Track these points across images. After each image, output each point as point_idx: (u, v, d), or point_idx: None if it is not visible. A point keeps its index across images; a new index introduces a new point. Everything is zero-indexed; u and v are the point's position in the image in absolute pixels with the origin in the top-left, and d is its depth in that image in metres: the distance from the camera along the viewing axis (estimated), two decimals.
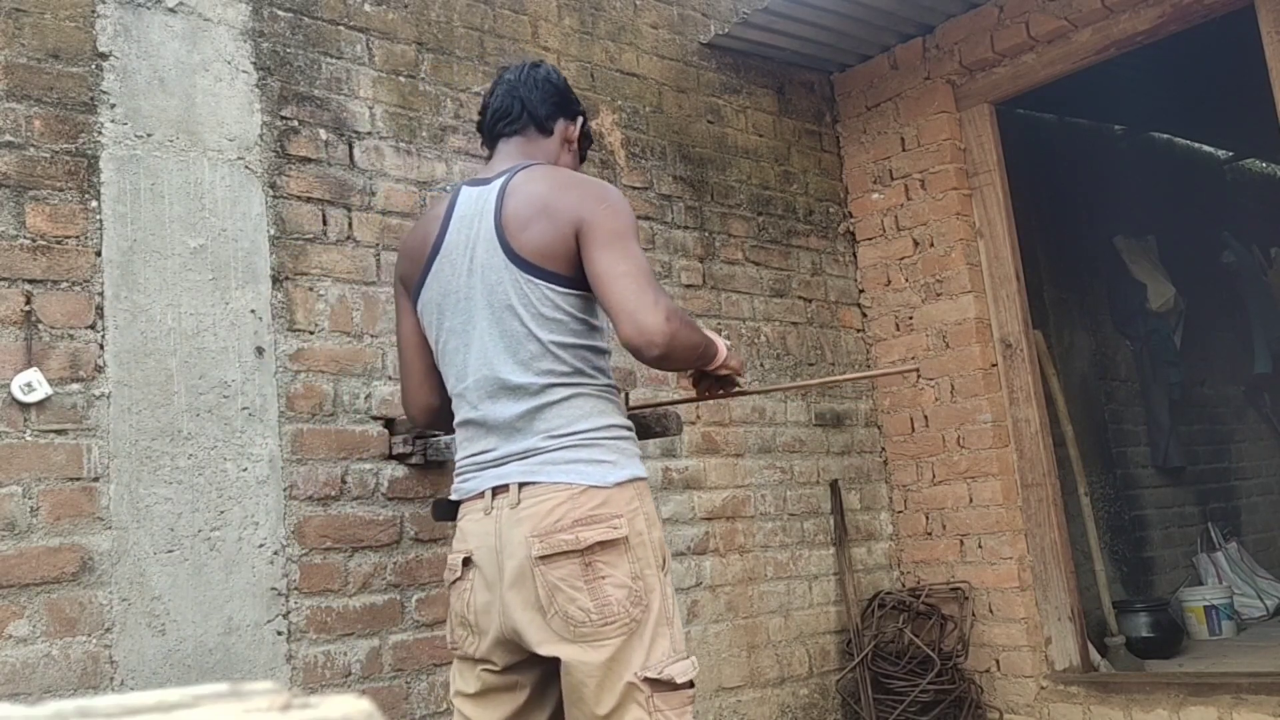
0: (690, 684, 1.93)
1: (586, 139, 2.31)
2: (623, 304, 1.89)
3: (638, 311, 1.88)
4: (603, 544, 1.88)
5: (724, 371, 2.18)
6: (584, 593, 1.88)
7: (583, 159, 2.34)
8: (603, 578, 1.89)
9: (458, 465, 2.11)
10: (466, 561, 2.01)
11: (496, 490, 1.98)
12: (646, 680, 1.87)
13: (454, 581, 2.05)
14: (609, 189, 2.07)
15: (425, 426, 2.36)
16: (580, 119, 2.27)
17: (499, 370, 1.99)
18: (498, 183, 2.06)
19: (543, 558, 1.88)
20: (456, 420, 2.10)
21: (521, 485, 1.95)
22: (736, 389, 2.30)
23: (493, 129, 2.20)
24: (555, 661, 1.94)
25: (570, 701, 1.92)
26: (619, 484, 1.94)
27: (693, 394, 2.34)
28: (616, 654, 1.87)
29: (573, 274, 1.98)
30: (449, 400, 2.17)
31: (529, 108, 2.18)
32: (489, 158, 2.23)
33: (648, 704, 1.87)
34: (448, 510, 2.12)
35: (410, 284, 2.17)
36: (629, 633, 1.88)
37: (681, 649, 1.96)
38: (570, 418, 1.96)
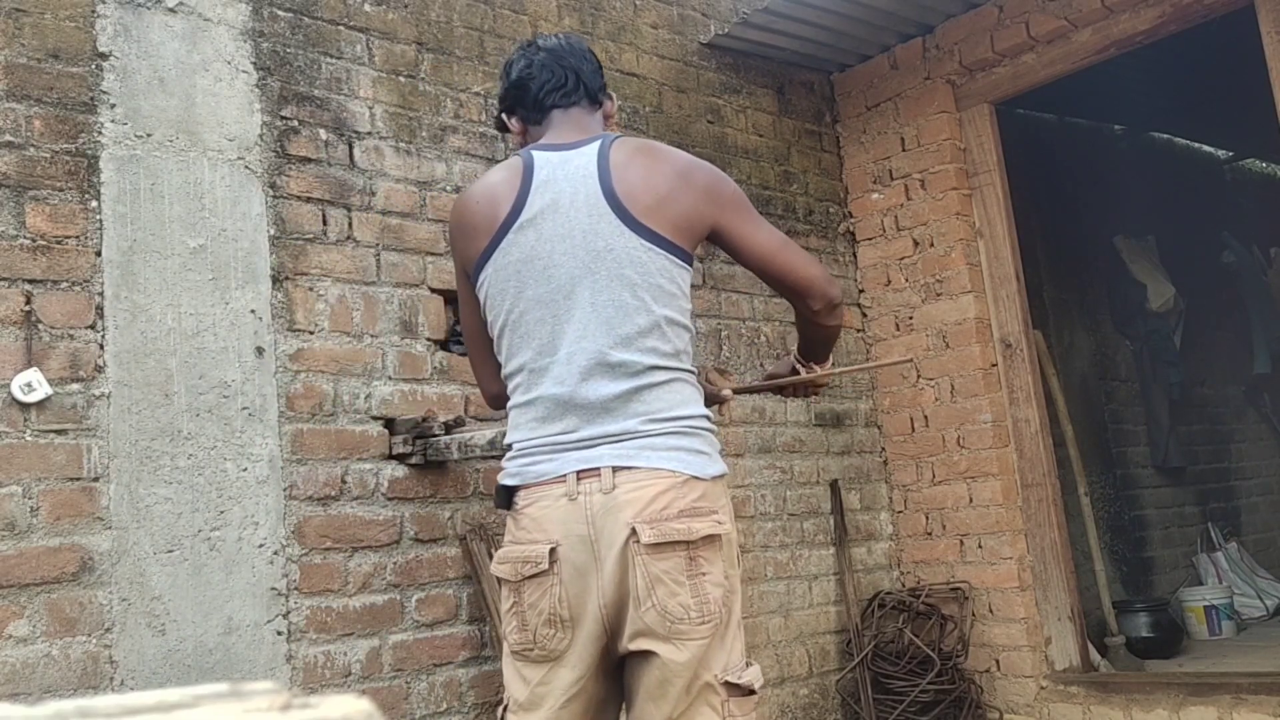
0: (756, 692, 1.88)
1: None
2: (793, 271, 2.00)
3: (814, 276, 2.00)
4: (708, 538, 1.79)
5: (823, 380, 2.24)
6: (686, 588, 1.77)
7: None
8: (704, 574, 1.79)
9: (521, 446, 1.90)
10: (553, 551, 1.82)
11: (582, 474, 1.81)
12: (725, 684, 1.83)
13: (532, 576, 1.84)
14: (711, 167, 2.06)
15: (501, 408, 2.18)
16: (612, 94, 2.19)
17: (599, 344, 1.85)
18: (588, 148, 1.94)
19: (653, 546, 1.76)
20: (528, 395, 1.90)
21: (616, 469, 1.80)
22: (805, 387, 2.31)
23: (543, 99, 2.04)
24: (618, 660, 1.84)
25: (648, 697, 1.81)
26: (715, 478, 1.85)
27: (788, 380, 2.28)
28: (703, 654, 1.80)
29: (691, 250, 1.97)
30: None
31: (584, 79, 2.06)
32: (525, 133, 2.10)
33: (722, 708, 1.82)
34: (507, 498, 1.92)
35: (471, 252, 1.97)
36: (717, 633, 1.81)
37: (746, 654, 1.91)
38: (671, 402, 1.85)
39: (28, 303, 2.39)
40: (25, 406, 2.35)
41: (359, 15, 3.11)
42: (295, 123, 2.90)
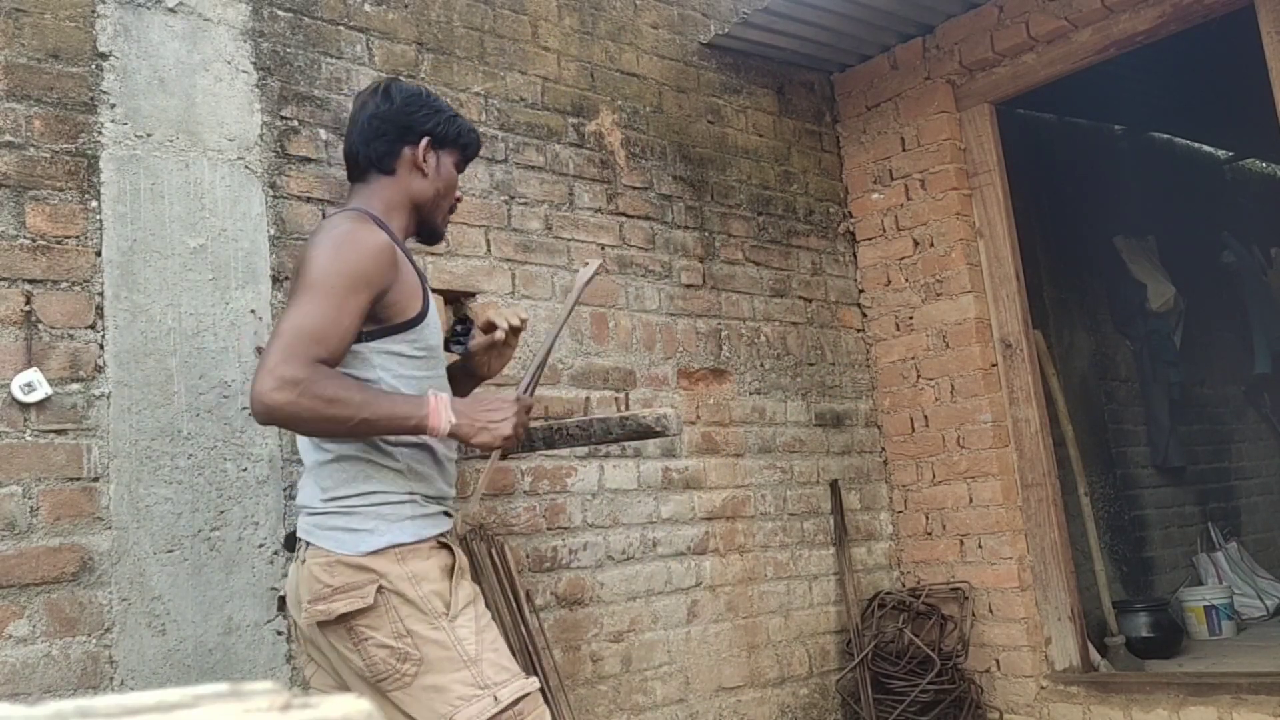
0: (502, 711, 1.93)
1: (447, 142, 2.18)
2: (265, 356, 1.87)
3: (256, 372, 1.85)
4: (357, 612, 1.95)
5: (475, 444, 2.05)
6: (355, 653, 1.97)
7: (468, 157, 2.26)
8: (366, 639, 1.96)
9: None
10: (283, 600, 2.15)
11: (300, 540, 2.07)
12: None
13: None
14: (336, 235, 1.96)
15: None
16: (425, 137, 2.14)
17: None
18: None
19: (312, 625, 1.99)
20: None
21: (306, 544, 2.03)
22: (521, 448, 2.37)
23: (348, 175, 2.21)
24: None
25: None
26: (374, 552, 1.96)
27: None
28: (403, 704, 1.95)
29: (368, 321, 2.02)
30: None
31: (358, 155, 2.15)
32: None
33: None
34: (293, 543, 2.18)
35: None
36: (404, 685, 1.94)
37: (497, 679, 1.95)
38: (336, 481, 2.01)
39: (28, 303, 2.39)
40: (25, 406, 2.35)
41: (359, 15, 3.11)
42: (295, 123, 2.90)
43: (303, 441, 2.10)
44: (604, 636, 3.31)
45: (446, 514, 2.13)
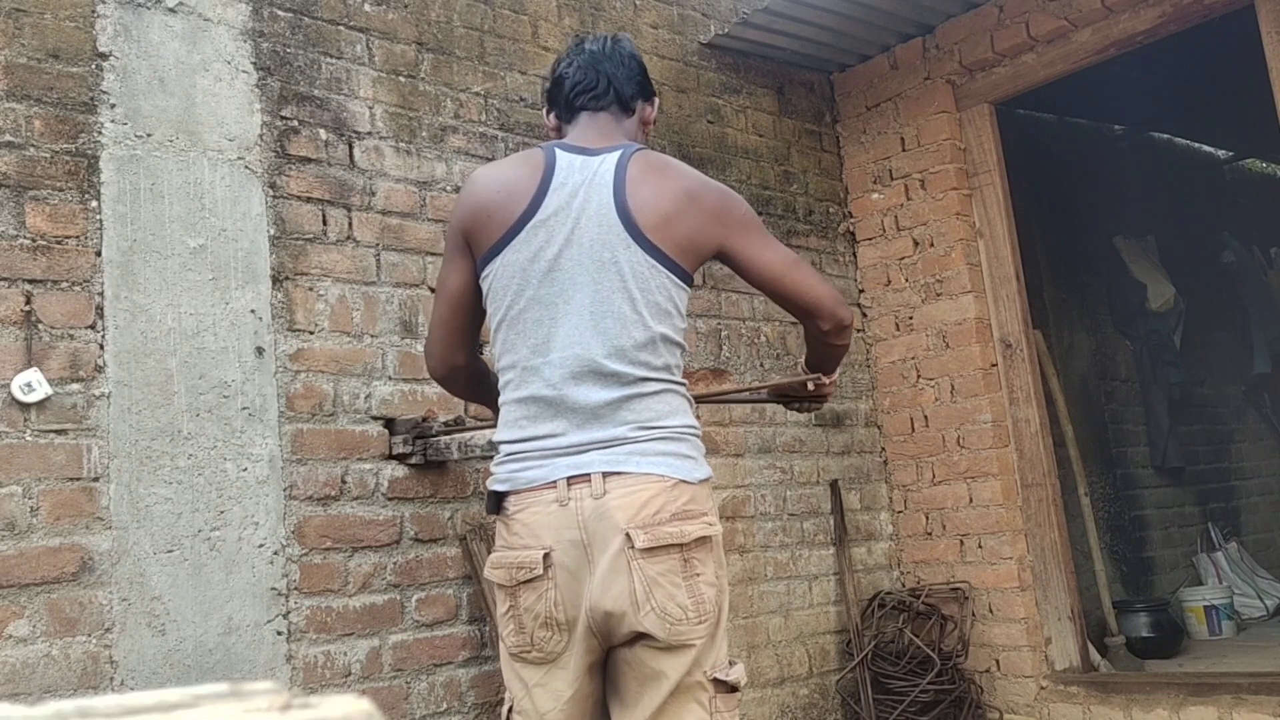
0: (739, 689, 1.92)
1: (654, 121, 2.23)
2: (807, 293, 2.03)
3: (825, 299, 2.04)
4: (699, 540, 1.84)
5: (827, 389, 2.30)
6: (682, 589, 1.82)
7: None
8: (698, 575, 1.84)
9: (511, 448, 1.93)
10: (547, 556, 1.85)
11: (573, 480, 1.85)
12: (714, 681, 1.86)
13: (527, 580, 1.87)
14: (734, 192, 2.08)
15: (442, 380, 2.17)
16: (656, 100, 2.19)
17: (592, 352, 1.88)
18: (609, 157, 1.97)
19: (647, 550, 1.80)
20: (518, 393, 1.94)
21: (606, 475, 1.84)
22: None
23: (573, 101, 2.08)
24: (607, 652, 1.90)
25: (640, 690, 1.86)
26: (702, 481, 1.91)
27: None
28: (697, 651, 1.84)
29: (693, 270, 1.99)
30: (473, 364, 2.13)
31: (615, 85, 2.09)
32: (558, 130, 2.12)
33: (710, 704, 1.85)
34: (497, 503, 1.94)
35: (484, 240, 1.98)
36: (711, 633, 1.85)
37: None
38: (660, 411, 1.91)
39: (28, 303, 2.39)
40: (25, 406, 2.35)
41: (359, 15, 3.11)
42: (295, 123, 2.90)
43: (579, 379, 1.88)
44: None
45: None
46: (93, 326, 2.47)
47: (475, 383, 2.17)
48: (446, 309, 2.08)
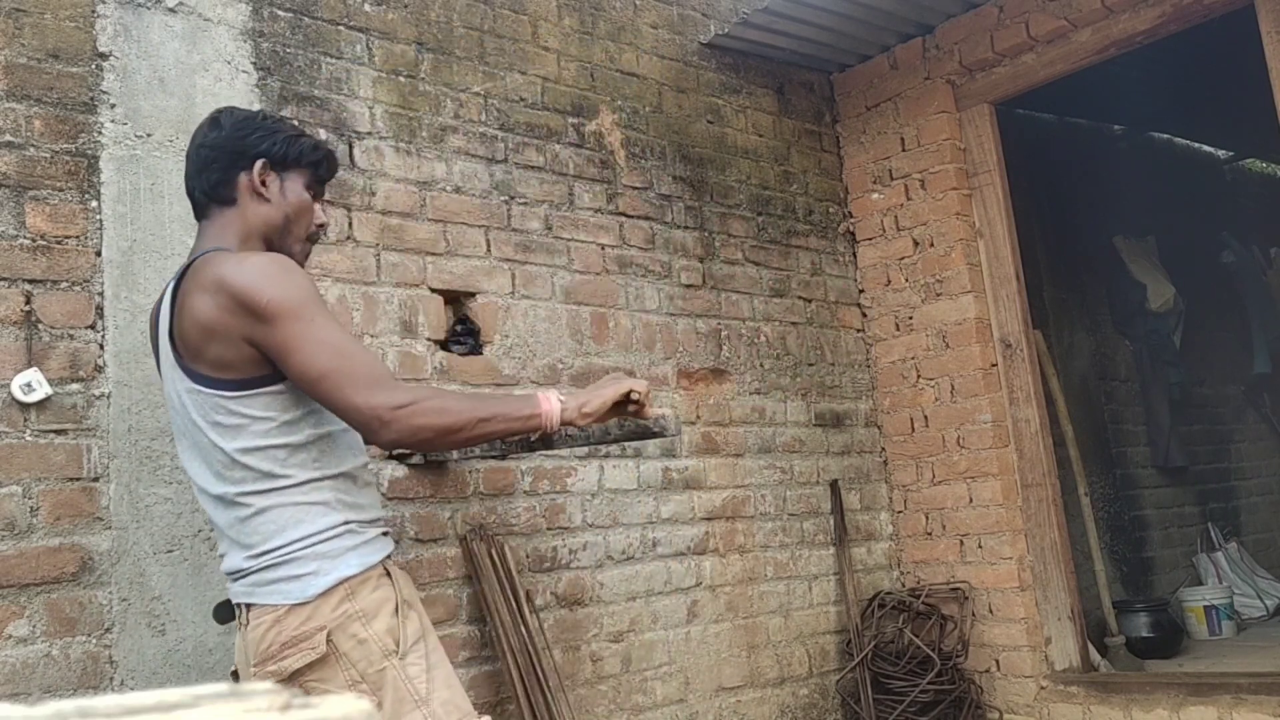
0: None
1: (289, 163, 2.02)
2: (344, 415, 1.83)
3: (358, 419, 1.81)
4: (308, 666, 1.85)
5: (578, 420, 2.02)
6: None
7: (321, 177, 2.08)
8: (322, 695, 1.87)
9: None
10: (234, 675, 2.01)
11: (238, 606, 1.95)
12: None
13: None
14: (266, 270, 1.83)
15: None
16: (259, 159, 1.98)
17: (202, 481, 1.93)
18: (172, 285, 1.94)
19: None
20: None
21: (247, 607, 1.92)
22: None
23: (195, 215, 2.06)
24: None
25: None
26: (322, 594, 1.86)
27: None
28: None
29: (255, 374, 1.85)
30: None
31: (196, 191, 2.01)
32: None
33: None
34: (226, 613, 2.06)
35: None
36: None
37: (455, 711, 1.90)
38: (266, 534, 1.88)
39: (28, 303, 2.39)
40: (25, 406, 2.35)
41: (359, 15, 3.11)
42: (295, 123, 2.90)
43: (205, 501, 1.94)
44: (604, 636, 3.31)
45: (385, 534, 2.02)
46: (93, 326, 2.47)
47: None
48: None
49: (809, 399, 4.16)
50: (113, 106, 2.58)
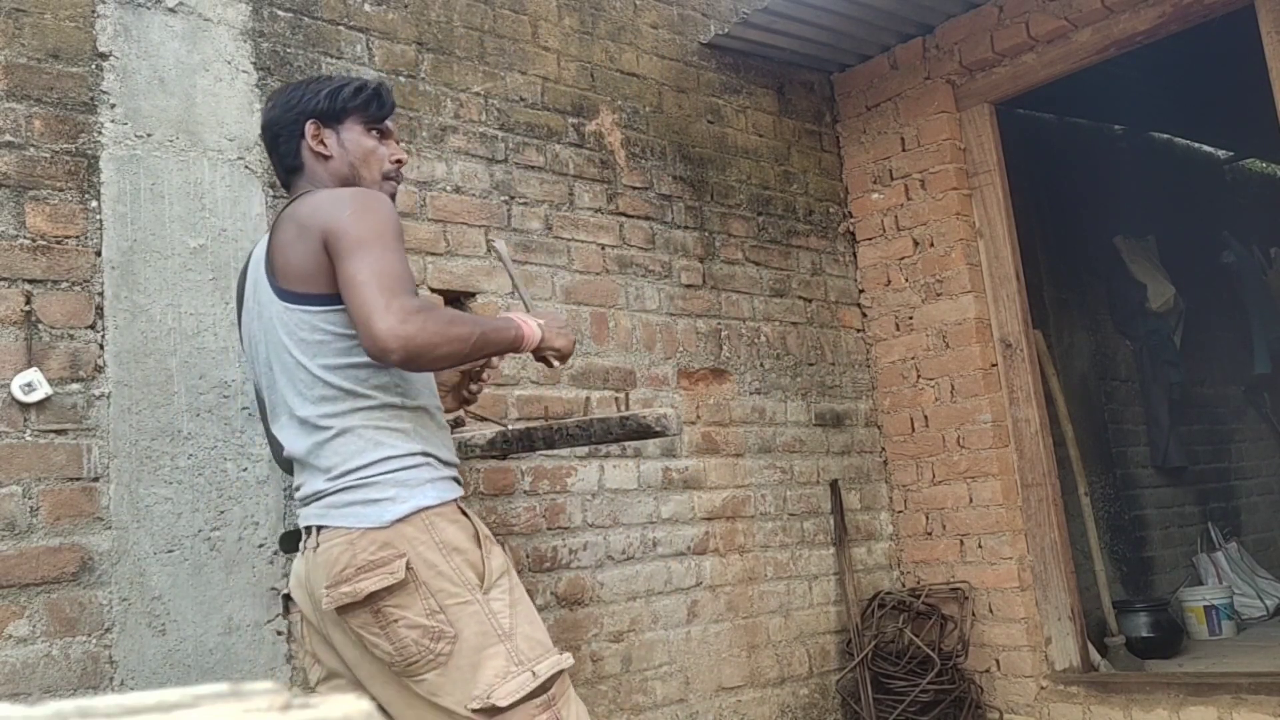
0: (541, 689, 1.85)
1: (335, 115, 2.07)
2: (356, 314, 1.81)
3: (370, 318, 1.78)
4: (386, 590, 1.83)
5: (546, 352, 2.09)
6: (382, 638, 1.85)
7: (375, 115, 2.10)
8: (395, 620, 1.84)
9: None
10: (287, 598, 2.04)
11: (307, 530, 1.97)
12: (476, 711, 1.82)
13: (288, 614, 2.10)
14: (359, 195, 1.93)
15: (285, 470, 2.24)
16: (308, 121, 2.06)
17: (290, 404, 1.95)
18: (267, 236, 2.06)
19: (340, 609, 1.87)
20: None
21: (318, 529, 1.92)
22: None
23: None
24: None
25: None
26: (400, 520, 1.86)
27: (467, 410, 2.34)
28: (434, 689, 1.84)
29: (332, 290, 1.89)
30: None
31: (278, 169, 2.15)
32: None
33: None
34: (294, 541, 2.08)
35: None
36: (438, 667, 1.83)
37: (532, 655, 1.87)
38: (345, 455, 1.90)
39: (28, 303, 2.39)
40: (25, 406, 2.35)
41: (359, 15, 3.11)
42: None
43: (289, 431, 1.96)
44: (604, 636, 3.31)
45: (457, 481, 2.01)
46: (93, 326, 2.47)
47: None
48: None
49: (809, 399, 4.16)
50: (113, 106, 2.58)
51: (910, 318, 4.32)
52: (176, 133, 2.66)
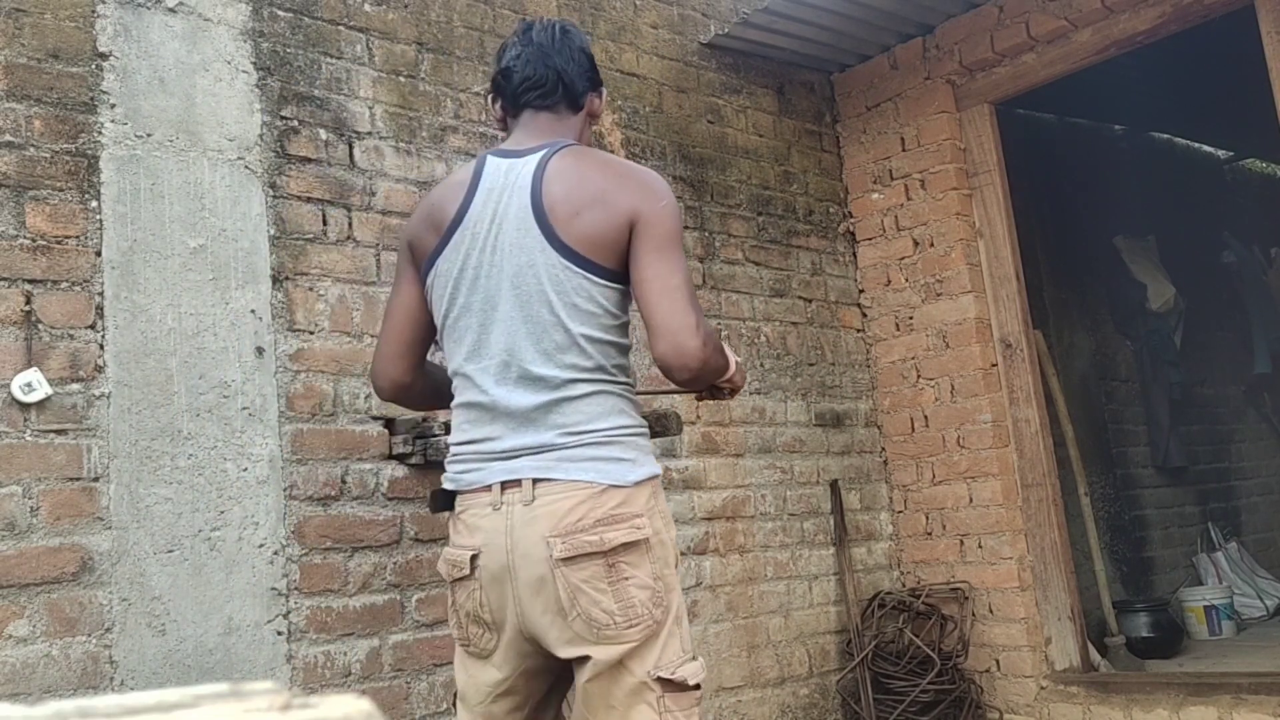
0: (698, 685, 1.90)
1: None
2: (667, 320, 1.85)
3: (680, 332, 1.85)
4: (626, 545, 1.83)
5: (724, 386, 2.14)
6: (608, 594, 1.82)
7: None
8: (626, 579, 1.83)
9: (455, 451, 1.99)
10: (474, 558, 1.91)
11: (506, 485, 1.88)
12: (659, 680, 1.84)
13: (459, 579, 1.95)
14: (664, 185, 1.98)
15: (389, 399, 2.20)
16: (603, 89, 2.17)
17: (521, 357, 1.90)
18: (533, 158, 1.96)
19: (565, 559, 1.82)
20: (459, 401, 2.00)
21: (536, 481, 1.86)
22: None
23: (520, 96, 2.05)
24: (562, 664, 1.91)
25: (584, 700, 1.88)
26: (638, 482, 1.88)
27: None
28: (635, 653, 1.84)
29: (615, 267, 1.90)
30: (420, 380, 2.13)
31: (565, 81, 2.05)
32: (503, 123, 2.11)
33: (658, 704, 1.84)
34: (447, 501, 2.01)
35: (422, 250, 2.04)
36: (650, 633, 1.84)
37: (689, 649, 1.92)
38: (590, 414, 1.88)
39: (28, 303, 2.39)
40: (25, 406, 2.35)
41: (359, 15, 3.11)
42: (295, 123, 2.90)
43: (509, 382, 1.91)
44: None
45: None
46: (93, 326, 2.47)
47: (430, 393, 2.17)
48: (395, 321, 2.12)
49: (809, 399, 4.16)
50: (113, 106, 2.58)
51: (910, 318, 4.32)
52: (176, 133, 2.66)
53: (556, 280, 1.89)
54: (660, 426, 2.38)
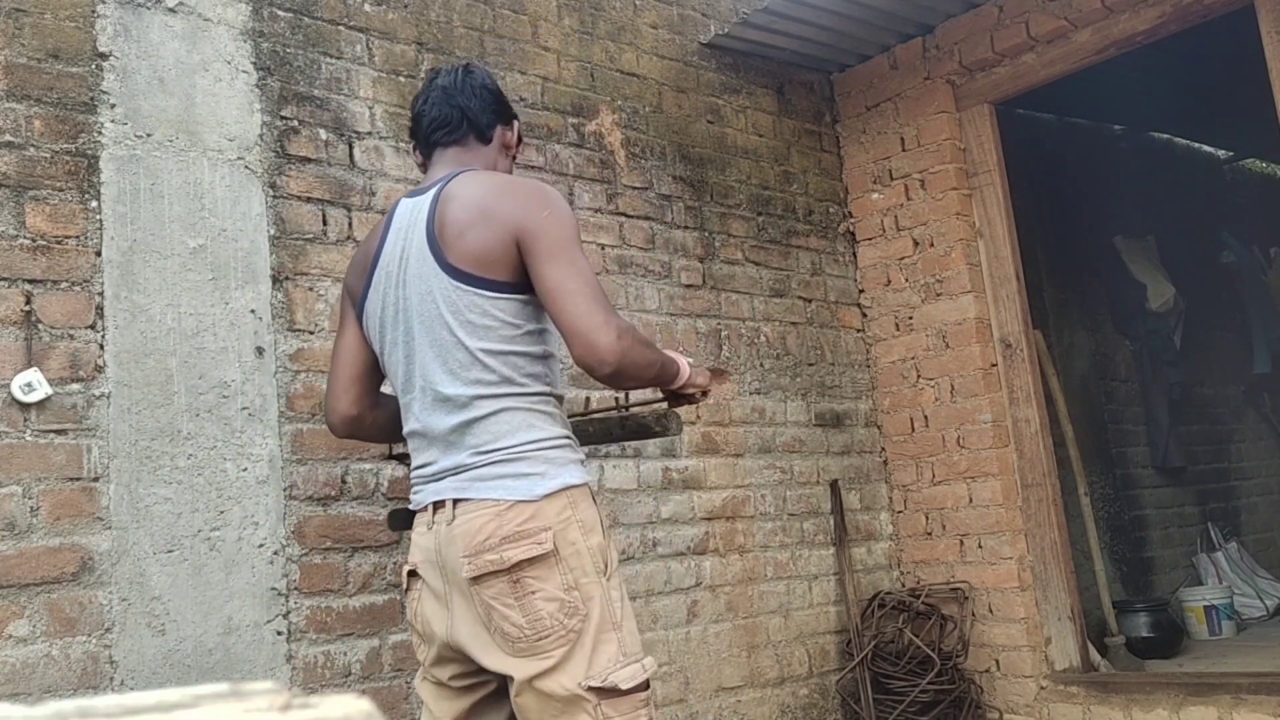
0: (644, 686, 1.91)
1: (519, 142, 2.27)
2: (575, 323, 1.87)
3: (589, 333, 1.86)
4: (530, 560, 1.87)
5: (690, 390, 2.18)
6: (515, 609, 1.87)
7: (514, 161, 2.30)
8: (532, 593, 1.87)
9: (410, 476, 2.11)
10: (412, 574, 2.04)
11: (437, 505, 1.98)
12: (591, 689, 1.86)
13: (406, 590, 2.09)
14: (550, 193, 2.01)
15: (343, 434, 2.28)
16: (515, 123, 2.23)
17: (433, 380, 1.98)
18: (433, 190, 2.04)
19: (473, 579, 1.89)
20: (404, 430, 2.10)
21: (456, 502, 1.94)
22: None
23: (429, 137, 2.16)
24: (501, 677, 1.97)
25: (520, 715, 1.92)
26: (548, 495, 1.91)
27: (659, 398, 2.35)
28: (560, 667, 1.86)
29: (509, 279, 1.94)
30: (372, 413, 2.22)
31: (469, 116, 2.14)
32: (424, 166, 2.20)
33: (595, 712, 1.86)
34: (404, 520, 2.11)
35: (354, 294, 2.17)
36: (569, 644, 1.87)
37: (634, 650, 1.94)
38: (497, 433, 1.94)
39: (28, 303, 2.39)
40: (25, 406, 2.35)
41: (359, 15, 3.11)
42: (295, 123, 2.90)
43: (428, 407, 2.00)
44: None
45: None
46: (93, 326, 2.47)
47: (385, 423, 2.23)
48: (339, 360, 2.23)
49: (809, 399, 4.16)
50: (113, 106, 2.58)
51: (910, 318, 4.32)
52: (176, 133, 2.66)
53: (450, 301, 1.96)
54: (660, 426, 2.37)
